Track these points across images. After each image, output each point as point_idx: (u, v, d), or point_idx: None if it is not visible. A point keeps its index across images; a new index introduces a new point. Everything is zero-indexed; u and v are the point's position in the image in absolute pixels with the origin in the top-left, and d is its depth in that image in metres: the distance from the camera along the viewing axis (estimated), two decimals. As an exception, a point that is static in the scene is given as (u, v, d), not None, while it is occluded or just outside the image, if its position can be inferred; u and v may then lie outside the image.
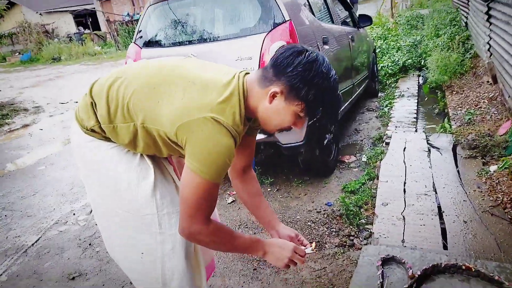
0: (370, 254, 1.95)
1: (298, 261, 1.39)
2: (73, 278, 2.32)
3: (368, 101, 5.50)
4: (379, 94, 5.80)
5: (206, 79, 1.25)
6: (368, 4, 15.75)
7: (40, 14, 21.52)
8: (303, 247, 1.51)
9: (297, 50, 1.20)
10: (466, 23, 6.50)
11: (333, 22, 3.81)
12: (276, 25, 2.71)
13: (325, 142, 3.21)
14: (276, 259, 1.37)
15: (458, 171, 3.04)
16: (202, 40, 2.99)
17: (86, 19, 23.52)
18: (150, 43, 3.26)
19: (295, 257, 1.38)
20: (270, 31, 2.71)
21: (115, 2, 21.16)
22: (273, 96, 1.22)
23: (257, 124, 1.42)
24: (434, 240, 2.17)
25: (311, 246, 1.56)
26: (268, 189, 3.17)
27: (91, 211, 3.26)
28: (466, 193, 2.66)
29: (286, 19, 2.72)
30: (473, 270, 1.72)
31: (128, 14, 20.82)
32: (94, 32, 21.63)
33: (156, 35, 3.26)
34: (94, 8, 22.28)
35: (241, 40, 2.80)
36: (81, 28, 22.22)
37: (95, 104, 1.35)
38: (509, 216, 2.29)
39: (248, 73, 1.33)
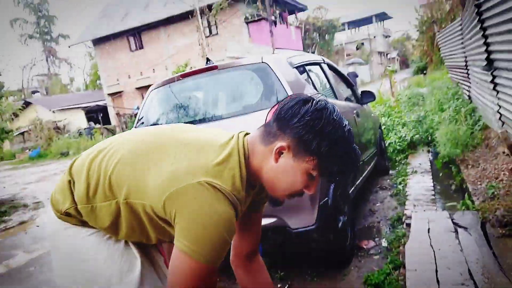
0: None
1: None
2: None
3: (380, 179, 5.26)
4: (390, 172, 5.58)
5: (201, 141, 1.07)
6: (364, 87, 16.40)
7: (53, 111, 22.61)
8: None
9: (302, 99, 1.05)
10: (469, 96, 6.52)
11: (336, 98, 3.76)
12: (279, 101, 2.62)
13: (339, 224, 2.89)
14: None
15: (493, 253, 2.66)
16: (204, 120, 2.88)
17: (97, 115, 24.60)
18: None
19: None
20: (273, 106, 2.61)
21: (126, 97, 22.30)
22: (279, 152, 1.05)
23: (263, 195, 1.22)
24: None
25: None
26: (278, 286, 2.77)
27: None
28: (508, 278, 2.27)
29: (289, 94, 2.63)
30: None
31: (137, 107, 21.82)
32: (104, 126, 22.46)
33: (157, 119, 3.18)
34: (105, 103, 23.44)
35: (244, 117, 2.68)
36: (92, 123, 23.13)
37: (74, 182, 1.14)
38: None
39: (249, 133, 1.16)
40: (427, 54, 19.91)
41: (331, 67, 4.14)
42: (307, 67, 3.42)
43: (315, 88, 3.28)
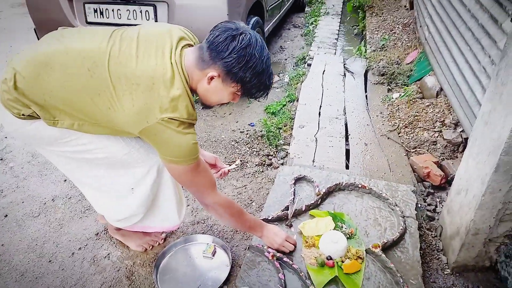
0: (285, 174, 2.20)
1: (288, 248, 1.67)
2: (-12, 196, 2.25)
3: (295, 16, 5.49)
4: (306, 9, 5.79)
5: (148, 75, 1.21)
6: None
7: None
8: (227, 165, 1.81)
9: (231, 34, 1.22)
10: None
11: None
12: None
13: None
14: (270, 243, 1.67)
15: (366, 96, 3.37)
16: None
17: None
18: None
19: (285, 243, 1.67)
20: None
21: None
22: (211, 78, 1.28)
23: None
24: (339, 160, 2.50)
25: (235, 164, 1.84)
26: (193, 107, 3.20)
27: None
28: (370, 117, 3.01)
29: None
30: (367, 188, 2.07)
31: None
32: None
33: None
34: None
35: None
36: None
37: (26, 94, 1.24)
38: (401, 141, 2.69)
39: (184, 46, 1.32)
40: None
41: None
42: None
43: None
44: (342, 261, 1.63)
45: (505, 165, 1.41)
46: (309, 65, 3.93)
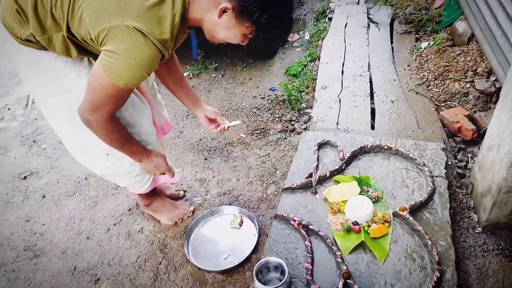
0: (308, 140, 2.17)
1: (167, 172, 1.56)
2: (25, 177, 2.37)
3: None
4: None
5: None
6: None
7: None
8: (227, 121, 1.68)
9: None
10: None
11: None
12: None
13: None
14: (147, 169, 1.53)
15: (392, 48, 3.20)
16: None
17: None
18: None
19: (161, 168, 1.53)
20: None
21: None
22: (224, 11, 1.10)
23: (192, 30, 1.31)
24: (364, 120, 2.43)
25: (236, 122, 1.72)
26: (213, 75, 3.18)
27: (27, 104, 3.13)
28: (396, 72, 2.87)
29: None
30: (393, 149, 2.01)
31: None
32: None
33: None
34: None
35: None
36: None
37: (23, 11, 1.18)
38: (430, 94, 2.56)
39: None
40: None
41: None
42: None
43: None
44: (369, 226, 1.63)
45: (541, 121, 1.32)
46: (330, 19, 3.74)
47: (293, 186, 1.84)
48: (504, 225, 1.68)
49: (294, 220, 1.66)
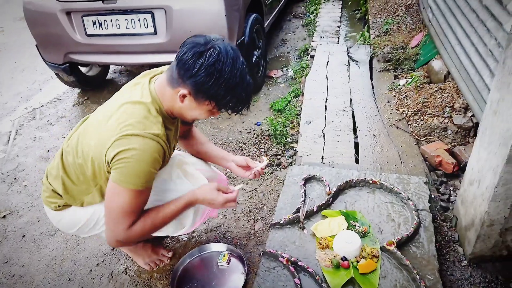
0: (294, 174, 2.19)
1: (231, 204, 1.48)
2: (4, 216, 2.29)
3: (295, 6, 5.42)
4: (305, -3, 5.70)
5: (124, 109, 1.26)
6: None
7: None
8: (259, 163, 1.71)
9: (198, 51, 1.17)
10: None
11: None
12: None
13: (254, 59, 3.22)
14: (209, 204, 1.46)
15: (372, 85, 3.32)
16: None
17: None
18: None
19: (227, 205, 1.46)
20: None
21: None
22: (183, 96, 1.24)
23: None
24: (348, 154, 2.47)
25: (266, 159, 1.76)
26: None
27: (8, 140, 3.08)
28: (377, 107, 2.97)
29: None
30: (378, 183, 2.05)
31: None
32: None
33: None
34: None
35: None
36: None
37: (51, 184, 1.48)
38: (411, 129, 2.64)
39: (155, 75, 1.37)
40: None
41: None
42: None
43: None
44: (357, 261, 1.63)
45: (517, 157, 1.38)
46: (312, 56, 3.88)
47: (281, 222, 1.84)
48: (489, 257, 1.71)
49: (283, 257, 1.65)
